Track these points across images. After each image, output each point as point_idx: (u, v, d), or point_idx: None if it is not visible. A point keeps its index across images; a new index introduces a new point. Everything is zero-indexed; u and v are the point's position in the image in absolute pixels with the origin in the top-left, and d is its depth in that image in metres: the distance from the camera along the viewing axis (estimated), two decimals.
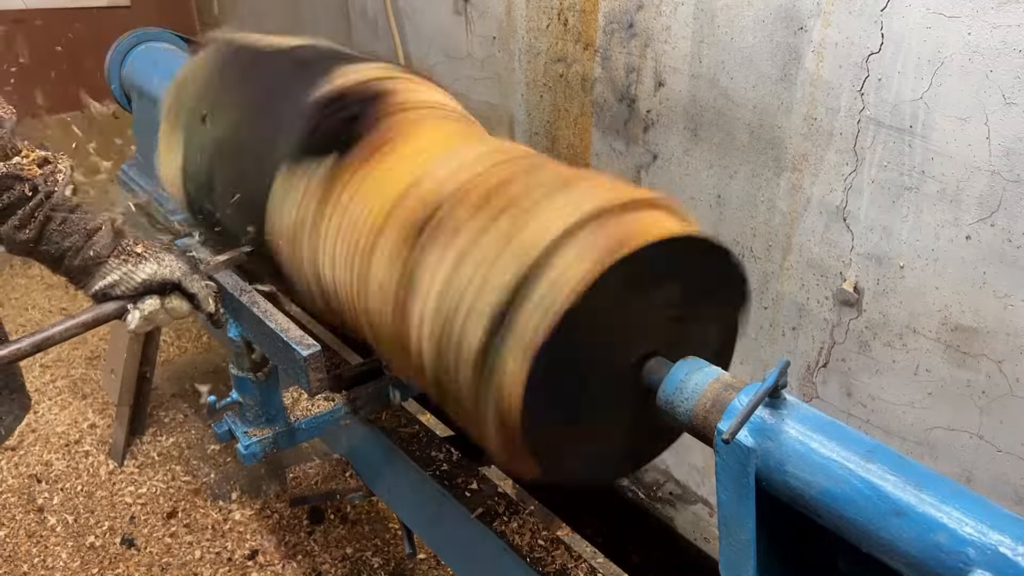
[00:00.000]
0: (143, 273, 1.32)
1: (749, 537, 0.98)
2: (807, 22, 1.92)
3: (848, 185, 1.95)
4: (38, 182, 1.23)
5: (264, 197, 1.46)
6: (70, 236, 1.27)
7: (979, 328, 1.80)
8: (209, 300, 1.42)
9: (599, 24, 2.45)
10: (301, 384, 1.45)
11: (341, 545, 2.65)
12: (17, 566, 2.57)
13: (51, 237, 1.26)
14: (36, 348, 1.25)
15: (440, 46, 3.16)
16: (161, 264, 1.35)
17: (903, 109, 1.78)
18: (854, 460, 0.90)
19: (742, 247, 2.27)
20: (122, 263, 1.32)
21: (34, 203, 1.23)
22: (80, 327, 1.30)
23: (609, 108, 2.53)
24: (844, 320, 2.07)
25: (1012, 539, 0.77)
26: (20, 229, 1.23)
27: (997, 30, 1.59)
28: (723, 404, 1.05)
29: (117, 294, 1.32)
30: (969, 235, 1.75)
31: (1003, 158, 1.65)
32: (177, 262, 1.38)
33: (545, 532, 1.50)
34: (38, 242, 1.26)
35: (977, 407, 1.86)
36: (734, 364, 1.33)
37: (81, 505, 2.81)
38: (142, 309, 1.34)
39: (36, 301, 4.05)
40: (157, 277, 1.34)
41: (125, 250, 1.32)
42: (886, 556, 0.87)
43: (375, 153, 1.37)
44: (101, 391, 3.36)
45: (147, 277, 1.33)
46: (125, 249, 1.32)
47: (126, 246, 1.33)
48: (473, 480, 1.62)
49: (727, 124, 2.19)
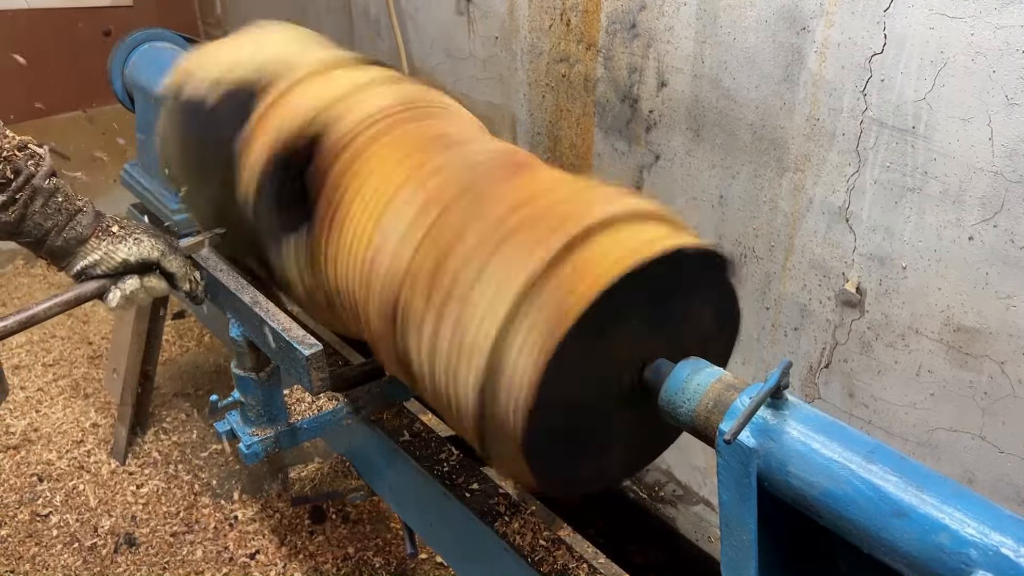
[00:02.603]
0: (123, 252, 1.35)
1: (751, 537, 0.98)
2: (810, 22, 1.91)
3: (850, 186, 1.95)
4: (20, 165, 1.25)
5: (264, 252, 1.49)
6: (51, 217, 1.30)
7: (981, 329, 1.80)
8: (187, 279, 1.46)
9: (601, 24, 2.45)
10: (303, 383, 1.45)
11: (343, 545, 2.65)
12: (19, 565, 2.57)
13: (33, 218, 1.29)
14: (21, 326, 1.29)
15: (442, 46, 3.16)
16: (140, 244, 1.38)
17: (906, 110, 1.78)
18: (856, 461, 0.90)
19: (744, 247, 2.27)
20: (102, 243, 1.35)
21: (16, 184, 1.25)
22: (62, 306, 1.34)
23: (611, 108, 2.53)
24: (846, 321, 2.07)
25: (1014, 540, 0.77)
26: (2, 210, 1.26)
27: (1000, 31, 1.59)
28: (725, 405, 1.05)
29: (98, 273, 1.35)
30: (972, 236, 1.75)
31: (1006, 159, 1.64)
32: (156, 241, 1.41)
33: (546, 532, 1.50)
34: (20, 222, 1.28)
35: (979, 408, 1.86)
36: (736, 365, 1.33)
37: (83, 504, 2.81)
38: (123, 288, 1.37)
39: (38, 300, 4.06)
40: (137, 256, 1.37)
41: (105, 230, 1.35)
42: (887, 557, 0.87)
43: (331, 223, 1.37)
44: (103, 390, 3.36)
45: (127, 256, 1.36)
46: (105, 229, 1.35)
47: (106, 226, 1.36)
48: (474, 480, 1.62)
49: (729, 124, 2.19)
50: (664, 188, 2.44)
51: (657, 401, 1.14)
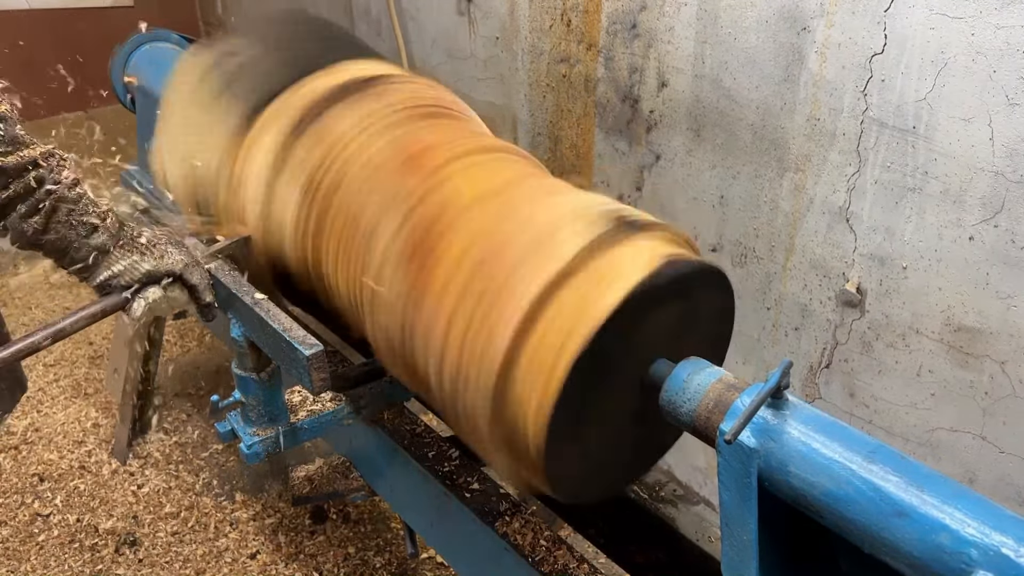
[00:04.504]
0: (147, 264, 1.34)
1: (751, 537, 0.98)
2: (810, 23, 1.91)
3: (851, 186, 1.95)
4: (44, 174, 1.24)
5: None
6: (75, 227, 1.29)
7: (982, 329, 1.80)
8: (208, 290, 1.45)
9: (602, 24, 2.45)
10: (304, 384, 1.45)
11: (343, 545, 2.65)
12: (19, 565, 2.57)
13: (56, 228, 1.28)
14: (50, 340, 1.29)
15: (443, 46, 3.16)
16: (165, 255, 1.37)
17: (906, 110, 1.78)
18: (856, 461, 0.90)
19: (745, 248, 2.27)
20: (126, 254, 1.33)
21: (40, 194, 1.24)
22: (88, 319, 1.33)
23: (612, 108, 2.53)
24: (847, 321, 2.07)
25: (1014, 540, 0.77)
26: (26, 219, 1.25)
27: (1001, 31, 1.59)
28: (726, 405, 1.05)
29: (121, 284, 1.34)
30: (972, 236, 1.75)
31: (1006, 159, 1.64)
32: (179, 253, 1.40)
33: (547, 532, 1.50)
34: (44, 232, 1.27)
35: (980, 408, 1.86)
36: (736, 365, 1.33)
37: (84, 504, 2.81)
38: (146, 298, 1.36)
39: (39, 300, 4.05)
40: (161, 268, 1.36)
41: (129, 241, 1.34)
42: (888, 557, 0.87)
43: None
44: (104, 390, 3.36)
45: (151, 268, 1.35)
46: (129, 240, 1.34)
47: (130, 237, 1.35)
48: (475, 480, 1.62)
49: (730, 124, 2.19)
50: (665, 188, 2.44)
51: (658, 401, 1.14)
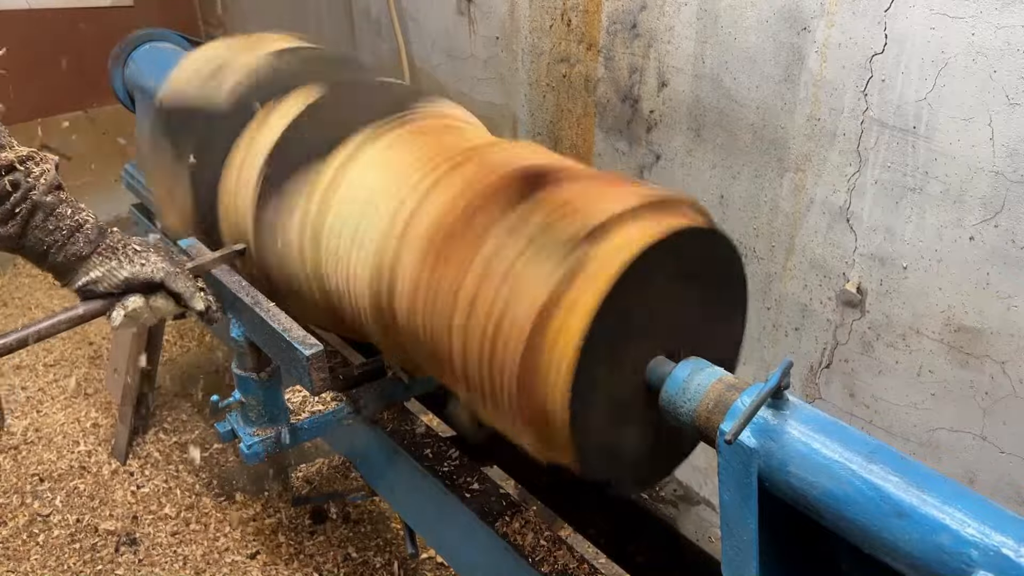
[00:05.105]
0: (125, 271, 1.33)
1: (751, 538, 0.98)
2: (810, 22, 1.91)
3: (851, 186, 1.94)
4: (19, 178, 1.24)
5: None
6: (53, 232, 1.28)
7: (982, 329, 1.79)
8: (197, 298, 1.42)
9: (602, 24, 2.45)
10: (303, 384, 1.45)
11: (343, 545, 2.65)
12: (19, 565, 2.57)
13: (34, 233, 1.27)
14: (22, 343, 1.27)
15: (443, 46, 3.16)
16: (145, 263, 1.35)
17: (906, 110, 1.78)
18: (856, 461, 0.90)
19: (745, 247, 2.26)
20: (105, 260, 1.32)
21: (16, 198, 1.23)
22: (68, 323, 1.32)
23: (612, 108, 2.53)
24: (847, 321, 2.07)
25: (1015, 540, 0.77)
26: (3, 223, 1.24)
27: (1001, 31, 1.59)
28: (726, 405, 1.05)
29: (100, 291, 1.33)
30: (972, 236, 1.75)
31: (1007, 159, 1.64)
32: (161, 261, 1.37)
33: (547, 532, 1.50)
34: (21, 237, 1.27)
35: (980, 408, 1.86)
36: (737, 365, 1.33)
37: (83, 504, 2.81)
38: (126, 307, 1.34)
39: (39, 301, 4.05)
40: (140, 276, 1.34)
41: (109, 248, 1.33)
42: (888, 557, 0.87)
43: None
44: (104, 390, 3.36)
45: (129, 275, 1.33)
46: (110, 246, 1.33)
47: (111, 243, 1.33)
48: (475, 480, 1.62)
49: (730, 124, 2.19)
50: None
51: (658, 400, 1.14)
